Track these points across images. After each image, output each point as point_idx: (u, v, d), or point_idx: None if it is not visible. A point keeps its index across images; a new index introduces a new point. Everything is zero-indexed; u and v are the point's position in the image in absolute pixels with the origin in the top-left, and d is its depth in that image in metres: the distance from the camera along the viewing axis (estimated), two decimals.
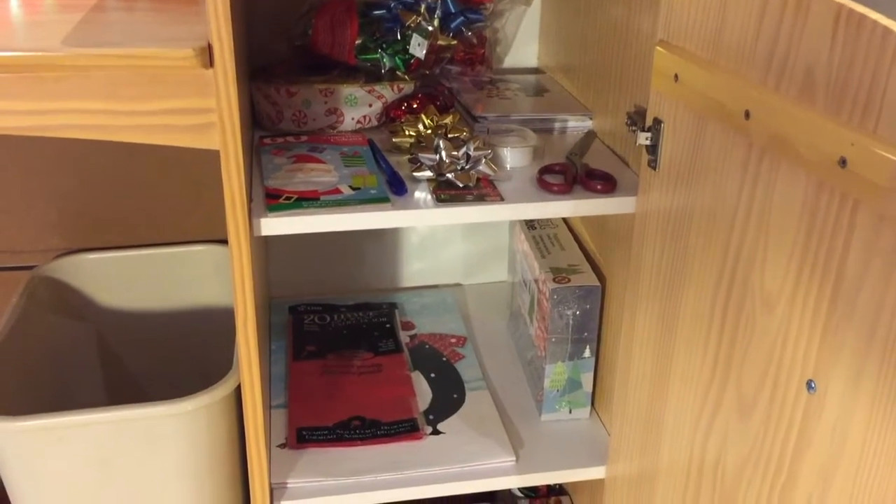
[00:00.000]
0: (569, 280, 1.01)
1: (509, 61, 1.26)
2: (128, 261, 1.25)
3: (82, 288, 1.24)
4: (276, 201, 0.82)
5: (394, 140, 0.95)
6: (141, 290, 1.27)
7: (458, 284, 1.38)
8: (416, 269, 1.36)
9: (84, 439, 0.92)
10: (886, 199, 0.50)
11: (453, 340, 1.22)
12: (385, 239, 1.32)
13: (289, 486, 0.95)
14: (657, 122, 0.80)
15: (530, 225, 1.15)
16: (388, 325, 1.24)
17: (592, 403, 1.09)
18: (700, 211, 0.74)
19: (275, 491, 0.94)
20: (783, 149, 0.60)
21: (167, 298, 1.27)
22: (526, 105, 1.07)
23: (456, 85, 1.12)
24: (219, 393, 0.94)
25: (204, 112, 0.72)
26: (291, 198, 0.83)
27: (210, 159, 1.24)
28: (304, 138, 0.98)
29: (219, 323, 1.27)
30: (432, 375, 1.14)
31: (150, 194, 1.25)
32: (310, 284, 1.33)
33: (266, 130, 1.02)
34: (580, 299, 1.00)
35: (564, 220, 1.17)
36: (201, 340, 1.29)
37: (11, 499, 0.96)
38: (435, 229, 1.33)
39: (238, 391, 0.97)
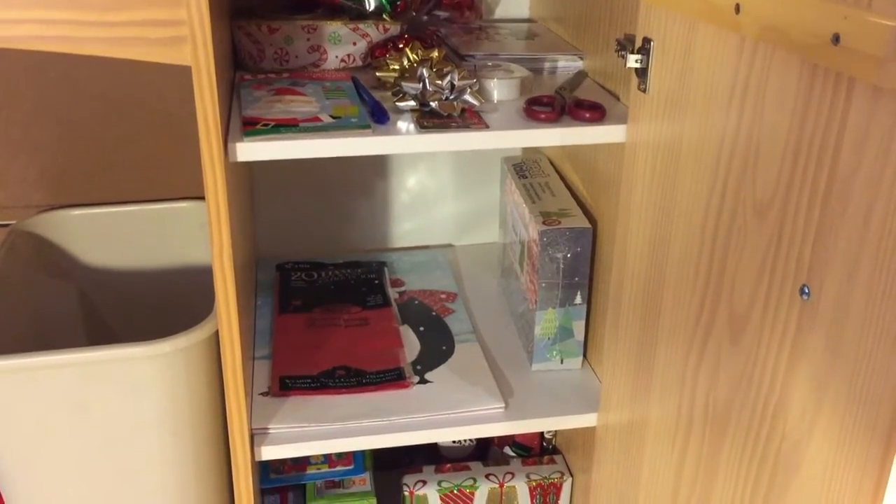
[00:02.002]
0: (559, 222, 0.98)
1: (500, 12, 1.23)
2: (111, 217, 1.23)
3: (65, 245, 1.22)
4: (253, 127, 0.80)
5: (377, 75, 0.92)
6: (124, 248, 1.24)
7: (449, 245, 1.35)
8: (406, 230, 1.33)
9: (58, 382, 0.89)
10: (881, 69, 0.47)
11: (443, 296, 1.19)
12: (375, 198, 1.29)
13: (270, 431, 0.92)
14: (647, 41, 0.77)
15: (521, 174, 1.12)
16: (376, 282, 1.21)
17: (585, 354, 1.06)
18: (691, 127, 0.71)
19: (255, 437, 0.91)
20: (776, 37, 0.57)
21: (151, 256, 1.25)
22: (516, 46, 1.04)
23: (444, 31, 1.09)
24: (197, 336, 0.91)
25: (174, 24, 0.69)
26: (269, 124, 0.80)
27: (194, 113, 1.21)
28: (285, 75, 0.95)
29: (204, 282, 1.24)
30: (421, 329, 1.11)
31: (135, 150, 1.23)
32: (298, 244, 1.30)
33: (248, 71, 0.99)
34: (571, 241, 0.97)
35: (556, 168, 1.15)
36: (186, 300, 1.26)
37: None
38: (425, 188, 1.30)
39: (218, 337, 0.95)
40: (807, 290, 0.58)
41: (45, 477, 0.93)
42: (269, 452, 0.91)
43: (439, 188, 1.31)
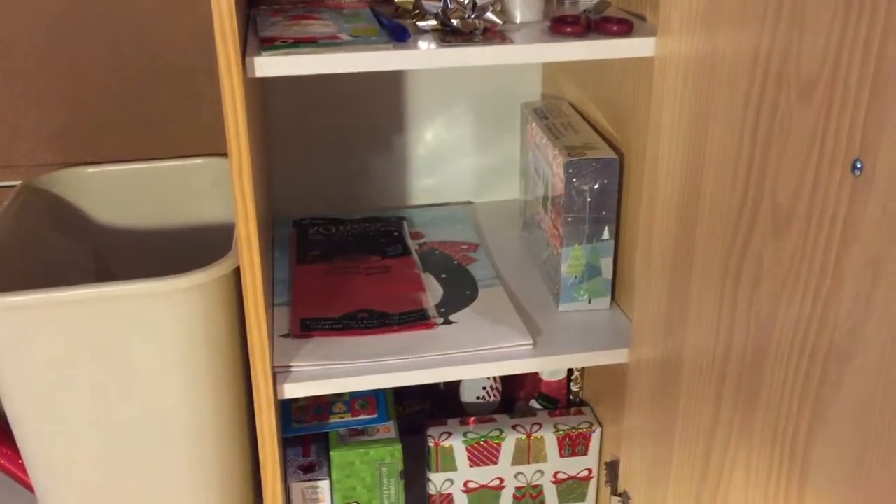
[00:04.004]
0: (584, 154, 0.95)
1: None
2: (124, 175, 1.21)
3: (77, 203, 1.20)
4: (272, 44, 0.77)
5: (396, 0, 0.90)
6: (138, 206, 1.22)
7: (468, 202, 1.33)
8: (424, 186, 1.30)
9: (75, 319, 0.87)
10: None
11: (465, 247, 1.17)
12: (392, 154, 1.27)
13: (293, 369, 0.90)
14: None
15: (542, 115, 1.10)
16: (396, 234, 1.19)
17: (613, 295, 1.03)
18: (728, 23, 0.69)
19: (277, 375, 0.89)
20: None
21: (165, 214, 1.22)
22: None
23: None
24: (216, 272, 0.89)
25: None
26: (287, 41, 0.78)
27: (208, 69, 1.19)
28: (301, 5, 0.93)
29: (218, 240, 1.22)
30: (443, 276, 1.08)
31: (148, 106, 1.21)
32: (314, 203, 1.28)
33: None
34: (597, 173, 0.95)
35: (577, 110, 1.12)
36: (200, 258, 1.23)
37: (1, 385, 0.90)
38: (443, 142, 1.28)
39: (237, 276, 0.92)
40: (859, 165, 0.55)
41: (61, 418, 0.91)
42: (291, 390, 0.88)
43: (458, 143, 1.28)
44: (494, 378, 1.19)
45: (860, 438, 0.58)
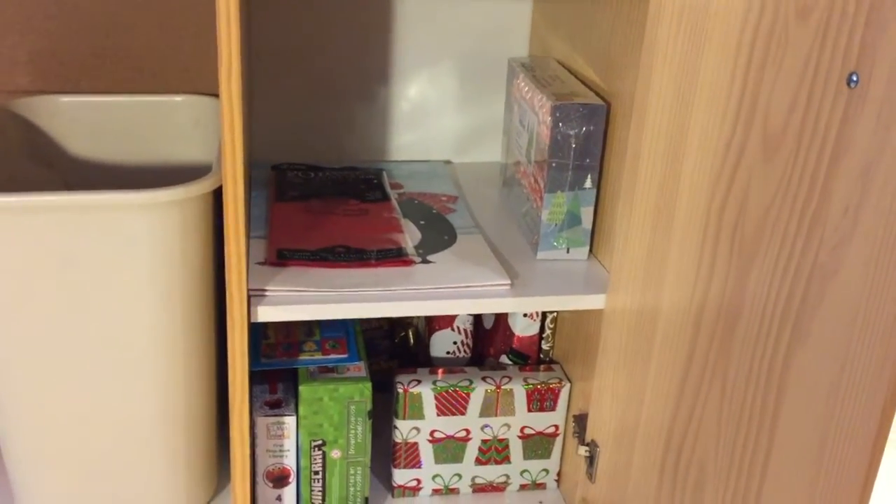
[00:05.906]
0: (572, 99, 0.96)
1: None
2: (100, 107, 1.18)
3: (51, 132, 1.17)
4: None
5: None
6: (113, 140, 1.19)
7: (448, 161, 1.32)
8: (404, 142, 1.30)
9: (44, 229, 0.84)
10: None
11: (444, 198, 1.16)
12: (374, 107, 1.26)
13: (268, 293, 0.88)
14: None
15: (529, 68, 1.10)
16: (375, 181, 1.18)
17: (591, 247, 1.03)
18: None
19: (252, 298, 0.87)
20: None
21: (140, 150, 1.20)
22: None
23: None
24: (196, 189, 0.87)
25: None
26: None
27: (194, 3, 1.18)
28: None
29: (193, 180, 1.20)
30: (422, 222, 1.08)
31: (130, 39, 1.19)
32: (292, 151, 1.26)
33: None
34: (583, 118, 0.95)
35: (565, 66, 1.12)
36: None
37: None
38: (427, 98, 1.27)
39: (216, 197, 0.91)
40: (855, 78, 0.56)
41: (22, 331, 0.88)
42: (265, 313, 0.87)
43: (441, 101, 1.28)
44: (465, 333, 1.19)
45: (840, 353, 0.58)
